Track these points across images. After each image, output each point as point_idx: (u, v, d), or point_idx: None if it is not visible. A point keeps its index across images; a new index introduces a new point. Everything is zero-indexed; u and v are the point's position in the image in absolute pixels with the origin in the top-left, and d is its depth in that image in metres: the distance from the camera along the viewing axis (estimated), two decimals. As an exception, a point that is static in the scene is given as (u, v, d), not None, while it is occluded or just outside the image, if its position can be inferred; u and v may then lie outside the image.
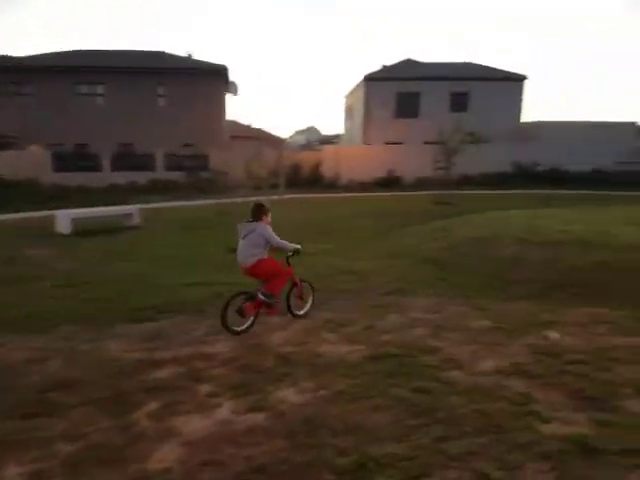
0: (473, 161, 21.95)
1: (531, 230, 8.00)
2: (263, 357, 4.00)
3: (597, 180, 23.81)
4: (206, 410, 3.17)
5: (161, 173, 23.46)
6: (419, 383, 3.40)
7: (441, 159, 17.65)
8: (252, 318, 4.67)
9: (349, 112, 35.03)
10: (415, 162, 23.70)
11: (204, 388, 3.47)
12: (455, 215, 11.88)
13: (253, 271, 4.67)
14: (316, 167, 25.52)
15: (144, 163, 23.61)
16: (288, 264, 4.99)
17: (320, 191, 22.82)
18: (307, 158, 26.10)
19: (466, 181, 23.35)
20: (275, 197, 10.07)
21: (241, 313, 4.50)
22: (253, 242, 4.63)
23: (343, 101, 37.53)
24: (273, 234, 4.68)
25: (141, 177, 22.73)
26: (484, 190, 21.75)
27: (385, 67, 31.08)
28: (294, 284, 5.04)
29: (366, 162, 25.14)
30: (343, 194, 21.61)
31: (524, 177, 24.44)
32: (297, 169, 24.37)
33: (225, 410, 3.17)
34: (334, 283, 6.49)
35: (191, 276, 6.92)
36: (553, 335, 4.35)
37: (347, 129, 36.38)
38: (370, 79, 28.83)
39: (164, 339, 4.51)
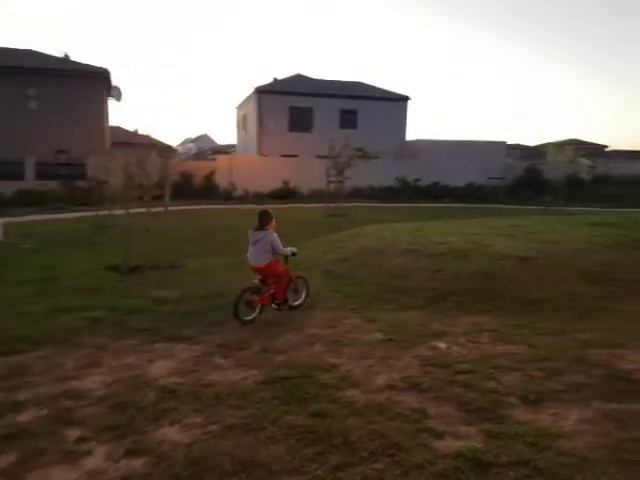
0: (363, 175, 22.93)
1: (417, 241, 8.40)
2: (143, 391, 3.56)
3: (472, 194, 26.26)
4: (74, 459, 2.72)
5: (31, 183, 21.01)
6: (315, 407, 3.25)
7: (333, 173, 18.16)
8: (258, 310, 5.34)
9: (242, 123, 34.73)
10: (310, 175, 24.07)
11: (73, 432, 2.99)
12: (349, 227, 12.16)
13: (264, 271, 5.45)
14: (209, 177, 24.72)
15: (11, 172, 20.99)
16: (286, 262, 5.72)
17: (213, 202, 22.11)
18: (199, 167, 25.17)
19: (358, 194, 24.29)
20: (159, 209, 9.39)
21: (249, 305, 5.27)
22: (263, 248, 5.36)
23: (235, 111, 37.14)
24: (279, 243, 5.43)
25: (7, 187, 20.16)
26: (374, 203, 22.78)
27: (276, 80, 31.39)
28: (290, 279, 5.67)
29: (262, 173, 24.98)
30: (237, 205, 21.16)
31: (409, 191, 26.13)
32: (188, 179, 23.32)
33: (97, 457, 2.74)
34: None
35: (63, 300, 6.11)
36: (441, 345, 4.51)
37: (241, 139, 36.02)
38: (261, 91, 28.88)
39: (27, 375, 3.85)
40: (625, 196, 24.82)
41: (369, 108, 29.61)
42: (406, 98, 31.06)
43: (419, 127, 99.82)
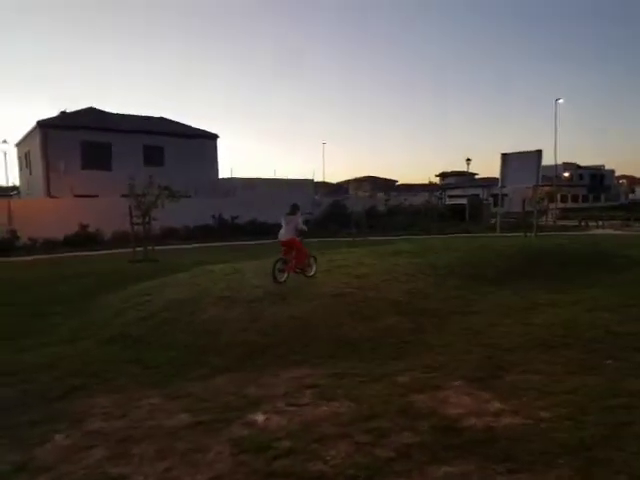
0: (177, 215, 21.45)
1: (231, 286, 7.67)
2: None
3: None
4: None
5: None
6: None
7: (137, 213, 16.37)
8: (286, 274, 7.58)
9: (25, 161, 29.83)
10: (113, 216, 21.38)
11: None
12: (158, 274, 10.76)
13: (289, 243, 7.79)
14: (-22, 226, 20.09)
15: None
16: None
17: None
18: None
19: (171, 235, 22.60)
20: None
21: (282, 271, 7.51)
22: (291, 226, 7.83)
23: (15, 150, 31.92)
24: (301, 222, 7.98)
25: None
26: (191, 244, 21.41)
27: (65, 114, 27.84)
28: (306, 255, 8.04)
29: (52, 217, 21.36)
30: (21, 258, 17.49)
31: (227, 229, 25.44)
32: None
33: None
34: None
35: None
36: (258, 418, 3.75)
37: (25, 180, 30.84)
38: (46, 126, 25.23)
39: None
40: (413, 224, 28.41)
41: (177, 145, 28.29)
42: (215, 136, 30.70)
43: (232, 165, 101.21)
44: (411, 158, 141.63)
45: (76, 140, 25.47)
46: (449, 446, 3.17)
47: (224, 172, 33.50)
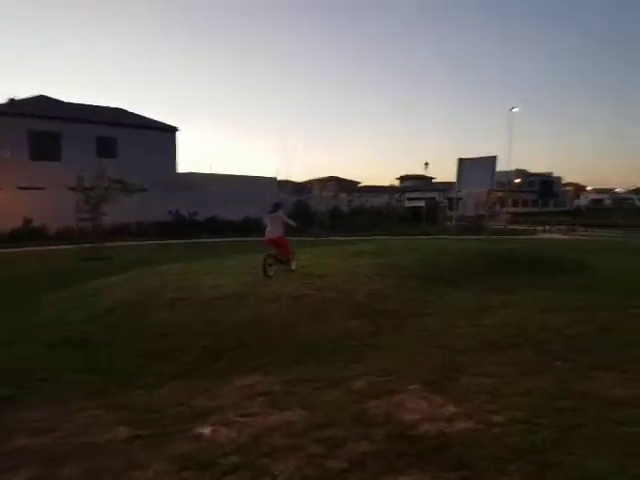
0: (129, 210, 20.65)
1: (185, 287, 7.37)
2: None
3: (248, 227, 26.46)
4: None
5: None
6: None
7: (86, 207, 15.57)
8: (274, 268, 8.50)
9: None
10: (60, 210, 20.33)
11: None
12: (108, 272, 10.25)
13: (275, 242, 8.69)
14: None
15: None
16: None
17: None
18: None
19: (123, 231, 21.73)
20: None
21: (270, 265, 8.45)
22: (276, 224, 8.65)
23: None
24: (286, 217, 8.89)
25: None
26: (143, 241, 20.64)
27: (13, 101, 26.28)
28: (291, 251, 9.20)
29: (-4, 211, 20.10)
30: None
31: (184, 226, 24.75)
32: None
33: None
34: None
35: None
36: (206, 431, 3.54)
37: (-34, 170, 28.79)
38: (-10, 113, 23.73)
39: None
40: (375, 225, 28.66)
41: (132, 137, 27.22)
42: (174, 129, 29.82)
43: (194, 159, 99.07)
44: (374, 160, 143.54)
45: (23, 129, 24.07)
46: (404, 454, 3.07)
47: (187, 166, 32.60)
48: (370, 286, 7.93)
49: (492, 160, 19.38)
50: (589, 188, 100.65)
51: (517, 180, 66.94)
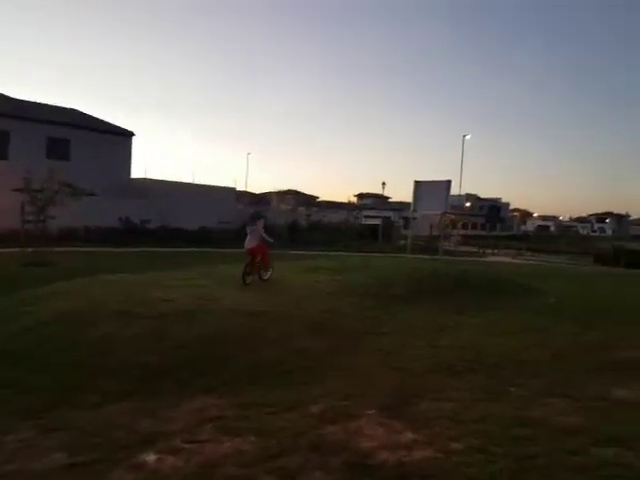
0: (78, 214, 19.66)
1: (133, 299, 6.99)
2: None
3: (203, 238, 25.84)
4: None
5: None
6: None
7: (32, 210, 14.69)
8: (252, 276, 9.08)
9: None
10: (4, 212, 19.13)
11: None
12: (51, 280, 9.61)
13: (254, 251, 9.21)
14: None
15: None
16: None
17: None
18: None
19: (70, 236, 20.65)
20: None
21: (249, 274, 8.99)
22: (255, 235, 9.30)
23: None
24: (263, 232, 9.45)
25: None
26: (91, 247, 19.69)
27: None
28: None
29: None
30: None
31: (135, 233, 23.84)
32: None
33: None
34: None
35: None
36: (150, 459, 3.27)
37: None
38: None
39: None
40: (333, 240, 28.76)
41: (86, 139, 26.12)
42: (131, 133, 28.91)
43: (149, 166, 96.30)
44: (332, 175, 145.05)
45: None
46: (362, 486, 2.95)
47: (142, 172, 31.60)
48: (328, 303, 7.82)
49: (446, 184, 19.96)
50: (535, 215, 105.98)
51: (467, 204, 69.49)
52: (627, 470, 3.16)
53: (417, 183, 20.36)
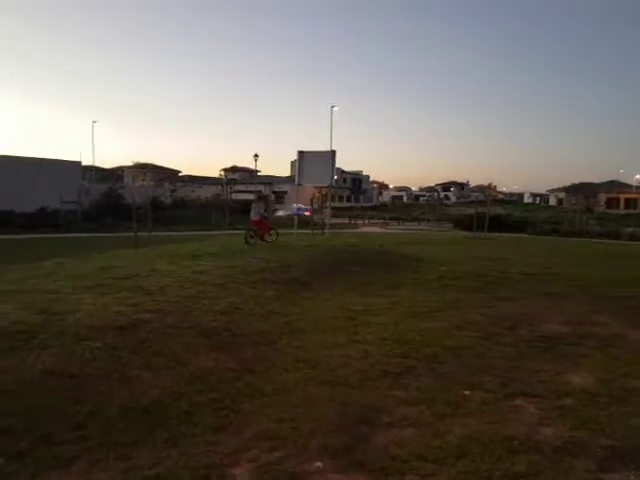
0: None
1: None
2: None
3: (47, 221, 21.66)
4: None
5: None
6: None
7: None
8: (254, 239, 12.75)
9: None
10: None
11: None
12: None
13: (257, 224, 13.00)
14: None
15: None
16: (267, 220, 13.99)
17: None
18: None
19: None
20: None
21: (252, 237, 12.73)
22: (258, 211, 13.08)
23: None
24: (263, 210, 13.56)
25: None
26: None
27: None
28: (270, 228, 13.57)
29: None
30: None
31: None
32: None
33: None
34: None
35: None
36: None
37: None
38: None
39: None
40: (204, 218, 26.48)
41: None
42: None
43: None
44: (199, 149, 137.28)
45: None
46: None
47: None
48: (222, 301, 6.27)
49: (332, 154, 19.12)
50: (391, 186, 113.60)
51: (335, 177, 71.38)
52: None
53: (301, 153, 19.12)
